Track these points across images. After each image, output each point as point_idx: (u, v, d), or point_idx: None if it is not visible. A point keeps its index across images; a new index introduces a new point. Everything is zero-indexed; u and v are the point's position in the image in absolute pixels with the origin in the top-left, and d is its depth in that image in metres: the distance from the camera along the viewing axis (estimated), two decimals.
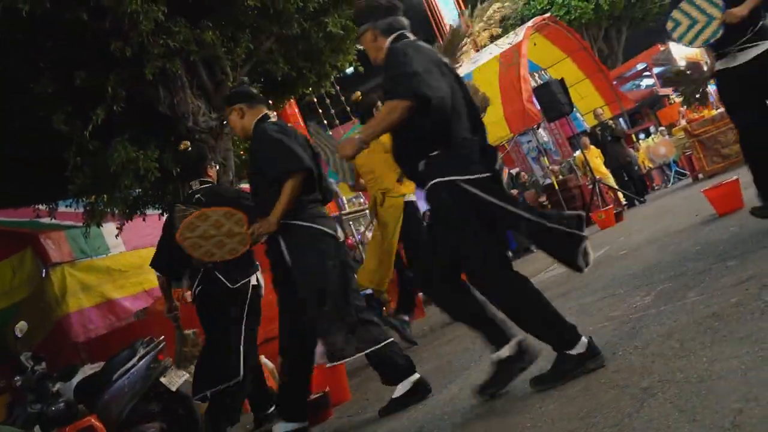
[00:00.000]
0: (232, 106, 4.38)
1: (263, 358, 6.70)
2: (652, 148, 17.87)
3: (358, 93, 6.68)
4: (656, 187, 17.90)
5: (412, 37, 3.48)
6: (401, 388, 3.78)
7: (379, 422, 3.55)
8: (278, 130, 4.15)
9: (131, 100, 6.80)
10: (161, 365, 5.70)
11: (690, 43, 5.15)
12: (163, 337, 5.97)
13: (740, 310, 2.82)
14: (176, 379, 5.69)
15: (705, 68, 6.46)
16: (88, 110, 6.48)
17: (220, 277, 4.76)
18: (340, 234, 4.29)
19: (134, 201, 8.34)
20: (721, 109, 12.21)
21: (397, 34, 3.46)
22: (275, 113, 10.91)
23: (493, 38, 21.25)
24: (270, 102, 8.82)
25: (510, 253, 10.31)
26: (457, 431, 2.89)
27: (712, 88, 8.25)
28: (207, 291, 4.88)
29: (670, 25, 5.19)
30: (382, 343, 3.90)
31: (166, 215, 8.51)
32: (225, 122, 7.45)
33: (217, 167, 6.25)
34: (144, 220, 8.77)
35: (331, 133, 13.25)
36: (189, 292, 6.88)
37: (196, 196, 4.97)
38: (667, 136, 18.17)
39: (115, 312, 9.31)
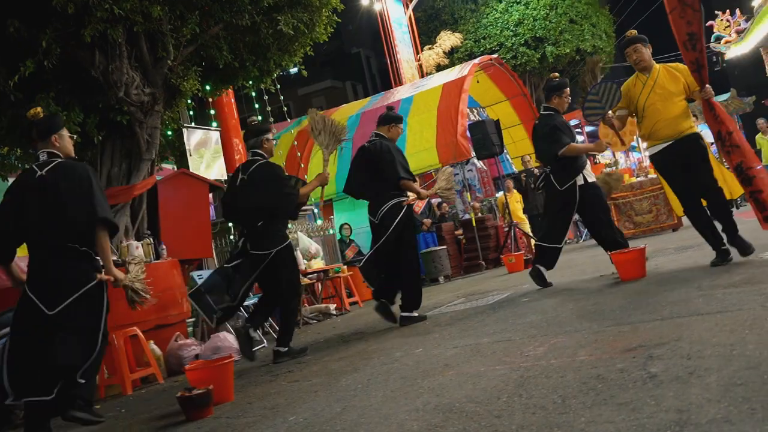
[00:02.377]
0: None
1: (152, 344, 6.57)
2: None
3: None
4: (568, 241, 18.35)
5: None
6: None
7: (255, 429, 3.50)
8: None
9: (64, 59, 6.60)
10: None
11: None
12: None
13: (624, 376, 2.91)
14: None
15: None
16: (16, 60, 6.25)
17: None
18: None
19: None
20: (641, 178, 12.67)
21: None
22: (210, 99, 10.76)
23: (439, 67, 21.55)
24: (207, 87, 8.70)
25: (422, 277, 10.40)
26: None
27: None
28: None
29: None
30: None
31: None
32: (157, 99, 7.30)
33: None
34: None
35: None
36: None
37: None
38: None
39: None
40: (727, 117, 5.83)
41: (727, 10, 18.53)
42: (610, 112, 6.30)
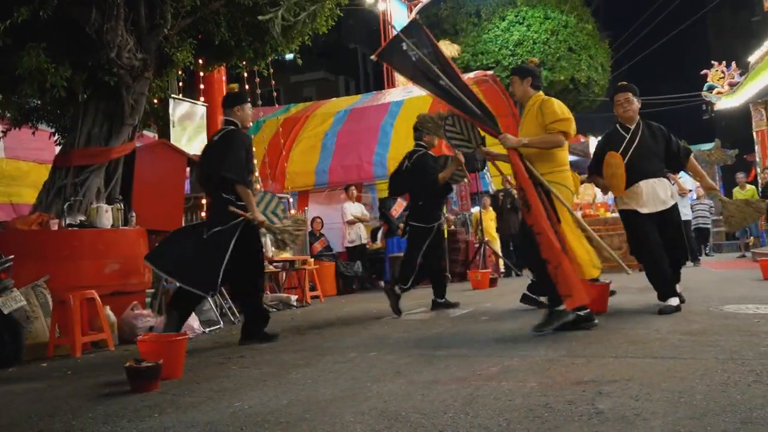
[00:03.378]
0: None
1: (107, 309, 6.50)
2: None
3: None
4: None
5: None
6: None
7: (199, 410, 3.48)
8: None
9: (60, 12, 6.51)
10: (1, 284, 5.46)
11: None
12: (12, 256, 5.71)
13: (571, 408, 2.93)
14: (11, 303, 5.45)
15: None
16: (10, 6, 6.15)
17: None
18: None
19: (30, 111, 7.99)
20: (615, 214, 12.77)
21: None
22: (202, 74, 10.68)
23: None
24: (200, 62, 8.64)
25: (382, 283, 10.47)
26: None
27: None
28: None
29: None
30: None
31: (57, 137, 8.21)
32: (148, 65, 7.24)
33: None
34: (33, 134, 8.42)
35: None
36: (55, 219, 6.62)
37: None
38: None
39: None
40: (522, 174, 5.36)
41: (724, 62, 18.75)
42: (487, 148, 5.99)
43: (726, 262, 15.34)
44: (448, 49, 22.97)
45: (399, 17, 21.86)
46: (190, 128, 10.56)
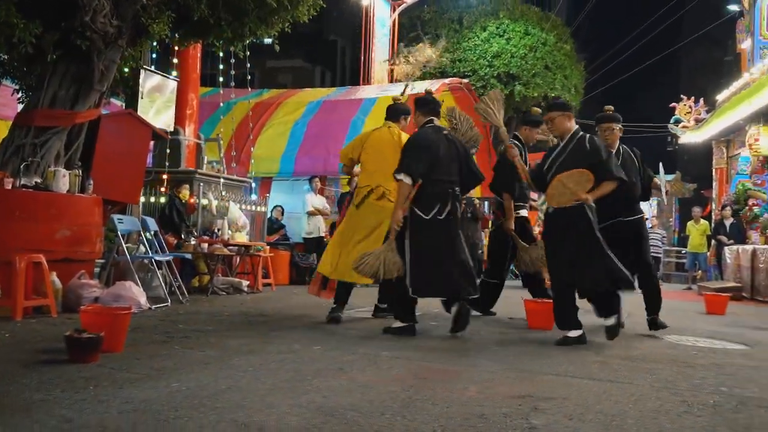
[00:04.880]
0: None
1: (54, 275, 6.40)
2: None
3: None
4: None
5: None
6: None
7: (136, 386, 3.45)
8: None
9: None
10: None
11: None
12: None
13: (506, 421, 2.97)
14: None
15: None
16: None
17: None
18: None
19: None
20: None
21: None
22: (176, 48, 10.55)
23: (408, 77, 21.61)
24: (176, 36, 8.54)
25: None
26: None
27: None
28: None
29: None
30: None
31: (20, 95, 8.07)
32: (122, 33, 7.14)
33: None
34: None
35: (221, 91, 12.94)
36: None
37: None
38: None
39: None
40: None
41: (693, 97, 19.07)
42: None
43: (673, 292, 15.60)
44: (427, 52, 23.03)
45: (381, 14, 21.89)
46: (158, 101, 10.42)
